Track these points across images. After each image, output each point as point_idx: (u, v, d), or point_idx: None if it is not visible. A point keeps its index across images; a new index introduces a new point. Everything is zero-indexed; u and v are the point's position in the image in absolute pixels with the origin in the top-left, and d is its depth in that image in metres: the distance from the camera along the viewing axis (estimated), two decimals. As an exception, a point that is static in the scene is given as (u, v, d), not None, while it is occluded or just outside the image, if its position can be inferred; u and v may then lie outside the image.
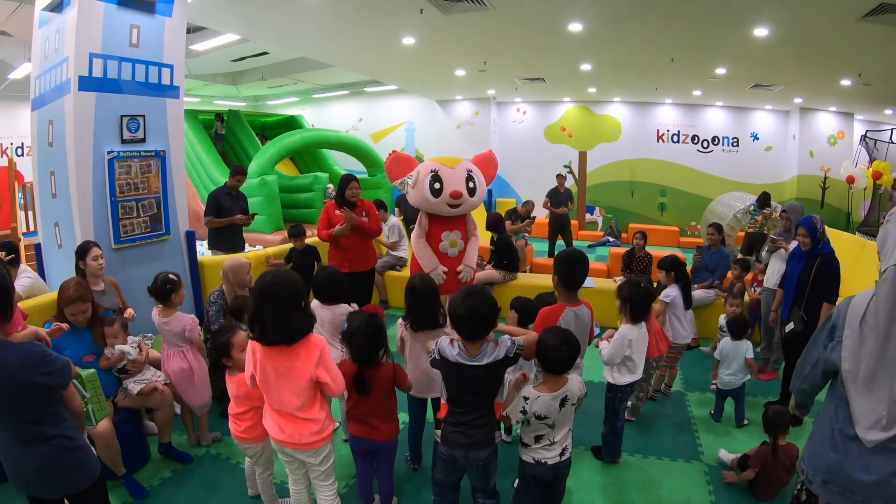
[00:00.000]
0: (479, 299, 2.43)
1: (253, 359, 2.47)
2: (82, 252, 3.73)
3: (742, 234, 9.01)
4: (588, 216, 13.72)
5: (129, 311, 3.77)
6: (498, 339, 2.56)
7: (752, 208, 8.51)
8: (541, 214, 13.69)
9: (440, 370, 2.54)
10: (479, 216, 9.25)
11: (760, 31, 6.21)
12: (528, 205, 8.70)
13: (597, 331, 5.99)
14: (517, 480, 2.78)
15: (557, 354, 2.44)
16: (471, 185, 4.77)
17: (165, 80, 4.56)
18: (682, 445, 3.92)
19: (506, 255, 6.60)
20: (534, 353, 2.58)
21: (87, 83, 3.97)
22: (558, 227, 9.75)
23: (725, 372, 4.15)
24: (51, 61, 4.25)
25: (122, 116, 4.22)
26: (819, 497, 1.88)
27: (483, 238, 6.83)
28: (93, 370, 2.86)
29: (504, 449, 2.67)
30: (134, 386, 3.40)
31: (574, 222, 13.36)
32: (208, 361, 3.73)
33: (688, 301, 4.40)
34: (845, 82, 8.84)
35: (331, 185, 11.06)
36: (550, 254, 9.70)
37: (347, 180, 5.33)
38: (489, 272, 6.58)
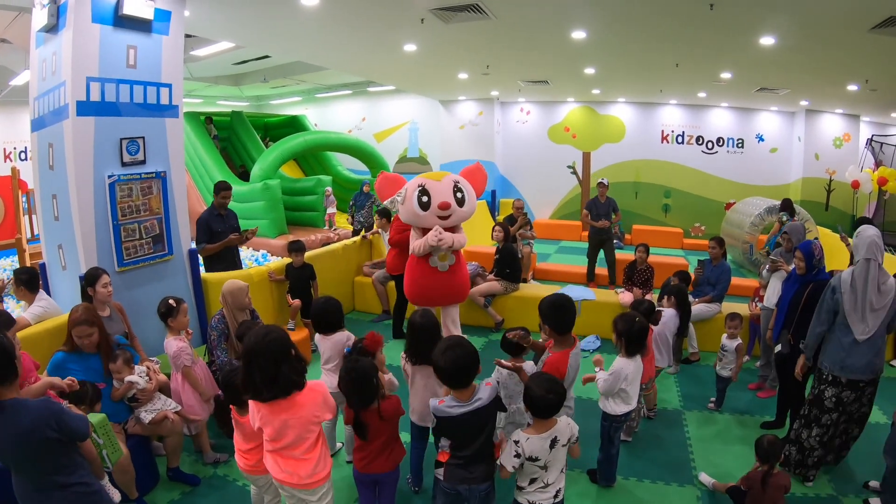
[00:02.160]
0: (459, 351, 2.55)
1: (255, 414, 2.52)
2: (92, 279, 3.74)
3: (764, 237, 8.93)
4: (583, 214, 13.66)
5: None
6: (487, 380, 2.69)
7: (784, 218, 8.38)
8: (543, 216, 13.76)
9: (443, 431, 2.62)
10: (486, 226, 9.27)
11: (767, 40, 6.16)
12: (518, 202, 8.60)
13: (598, 343, 6.08)
14: None
15: (545, 402, 2.54)
16: (459, 195, 4.79)
17: (164, 100, 4.57)
18: (676, 469, 3.93)
19: (509, 264, 6.58)
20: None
21: (85, 108, 3.98)
22: (598, 241, 8.64)
23: None
24: (48, 83, 4.25)
25: (121, 139, 4.23)
26: (833, 386, 3.47)
27: (485, 242, 6.85)
28: (103, 415, 2.94)
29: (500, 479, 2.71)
30: (145, 415, 3.44)
31: (575, 223, 13.32)
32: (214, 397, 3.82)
33: (682, 328, 4.39)
34: (852, 87, 8.77)
35: (329, 188, 11.02)
36: (590, 275, 8.70)
37: None
38: (490, 283, 6.57)
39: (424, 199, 4.66)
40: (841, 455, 3.85)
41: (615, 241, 11.89)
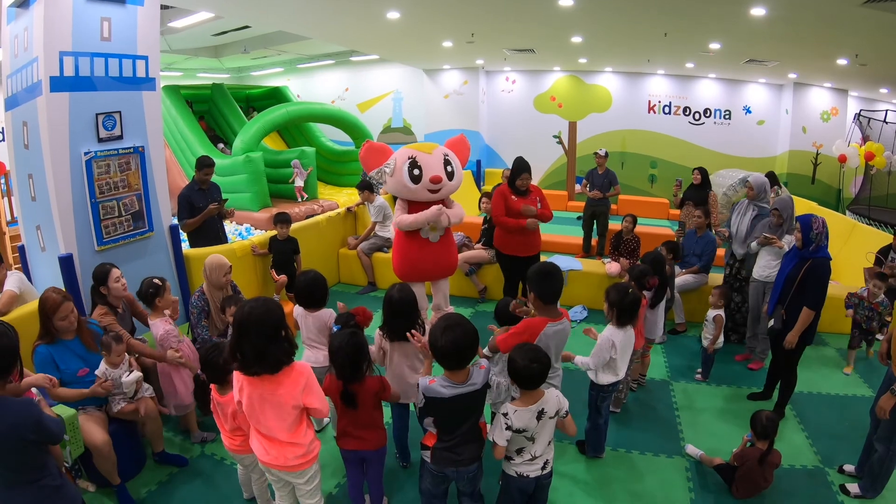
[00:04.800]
0: (458, 331, 2.46)
1: (238, 385, 2.47)
2: (102, 277, 3.60)
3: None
4: (577, 187, 13.64)
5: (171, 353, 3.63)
6: (479, 362, 2.63)
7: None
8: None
9: (430, 411, 2.55)
10: (472, 196, 9.20)
11: (758, 11, 6.04)
12: (507, 172, 8.51)
13: (585, 314, 6.10)
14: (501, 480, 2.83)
15: (528, 372, 2.48)
16: (449, 169, 4.74)
17: (140, 73, 4.41)
18: (665, 439, 3.99)
19: None
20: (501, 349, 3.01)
21: (58, 83, 3.82)
22: (590, 212, 8.42)
23: None
24: (21, 60, 4.07)
25: (97, 114, 4.08)
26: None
27: (471, 212, 6.78)
28: (74, 412, 2.88)
29: (487, 450, 2.70)
30: (115, 406, 3.38)
31: (561, 193, 13.26)
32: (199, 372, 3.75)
33: (653, 301, 4.38)
34: (841, 62, 8.68)
35: (296, 161, 10.79)
36: (585, 246, 8.64)
37: (520, 170, 5.39)
38: (477, 252, 6.60)
39: (416, 171, 4.59)
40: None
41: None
